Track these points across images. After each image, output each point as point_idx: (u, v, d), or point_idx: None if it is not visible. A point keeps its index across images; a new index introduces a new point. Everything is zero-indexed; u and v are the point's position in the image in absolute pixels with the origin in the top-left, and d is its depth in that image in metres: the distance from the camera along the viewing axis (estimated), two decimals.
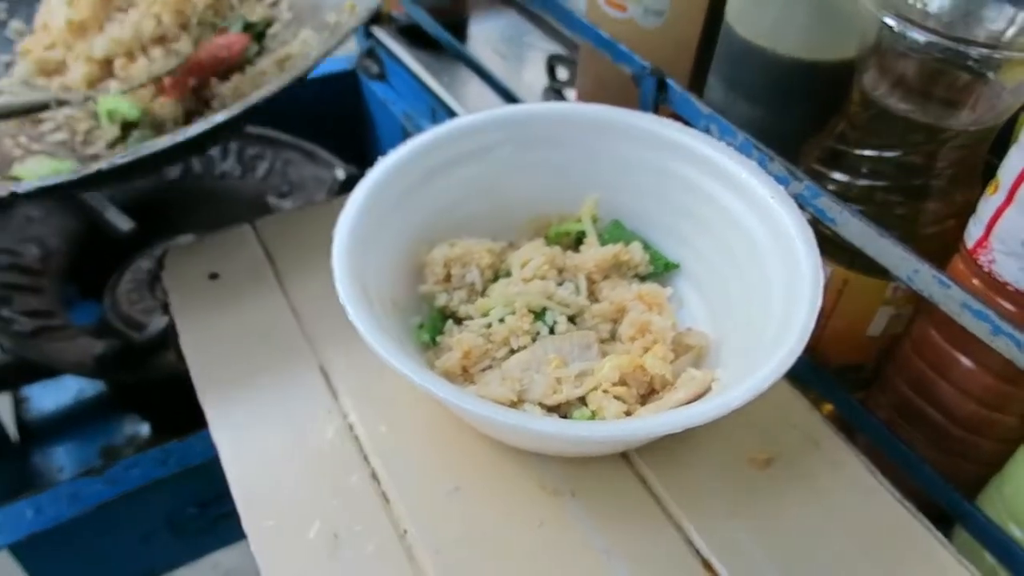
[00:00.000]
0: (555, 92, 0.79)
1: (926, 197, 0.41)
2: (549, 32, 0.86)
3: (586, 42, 0.54)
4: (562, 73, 0.79)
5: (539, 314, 0.37)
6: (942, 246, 0.41)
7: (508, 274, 0.40)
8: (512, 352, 0.36)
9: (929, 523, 0.35)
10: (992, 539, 0.39)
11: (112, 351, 0.60)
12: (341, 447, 0.37)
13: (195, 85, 0.55)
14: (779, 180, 0.41)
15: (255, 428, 0.38)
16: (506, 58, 0.85)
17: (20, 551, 0.50)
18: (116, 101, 0.54)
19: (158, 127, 0.54)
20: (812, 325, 0.33)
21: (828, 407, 0.48)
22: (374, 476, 0.36)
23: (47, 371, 0.68)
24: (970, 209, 0.39)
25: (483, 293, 0.39)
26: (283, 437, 0.38)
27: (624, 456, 0.37)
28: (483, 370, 0.36)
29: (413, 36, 0.84)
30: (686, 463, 0.37)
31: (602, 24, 0.52)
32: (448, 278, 0.40)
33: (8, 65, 0.59)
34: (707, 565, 0.33)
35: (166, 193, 0.78)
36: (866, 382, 0.48)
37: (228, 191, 0.79)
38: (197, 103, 0.55)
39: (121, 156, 0.38)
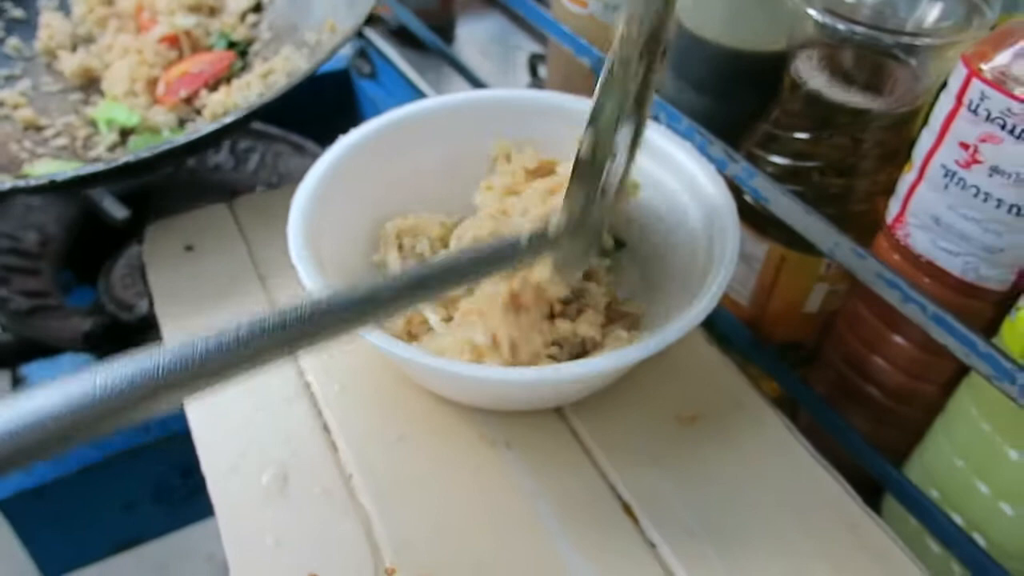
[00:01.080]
0: (536, 85, 0.82)
1: (855, 176, 0.44)
2: (533, 34, 0.89)
3: (552, 38, 0.57)
4: (543, 72, 0.82)
5: None
6: (872, 223, 0.43)
7: None
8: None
9: (841, 477, 0.38)
10: (914, 502, 0.42)
11: (100, 327, 0.63)
12: (297, 402, 0.40)
13: (186, 96, 0.59)
14: (718, 163, 0.44)
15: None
16: (491, 58, 0.89)
17: (8, 508, 0.53)
18: (112, 109, 0.58)
19: (154, 132, 0.58)
20: (725, 284, 0.35)
21: (773, 385, 0.51)
22: (325, 428, 0.39)
23: (43, 350, 0.72)
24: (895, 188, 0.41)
25: None
26: (244, 393, 0.41)
27: (558, 411, 0.40)
28: (428, 330, 0.39)
29: (403, 37, 0.88)
30: (616, 418, 0.39)
31: (565, 20, 0.56)
32: (400, 248, 0.43)
33: (8, 78, 0.63)
34: (627, 508, 0.36)
35: (162, 184, 0.82)
36: (807, 359, 0.51)
37: (222, 182, 0.82)
38: (188, 111, 0.60)
39: (130, 155, 0.43)
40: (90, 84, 0.63)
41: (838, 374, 0.47)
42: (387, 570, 0.34)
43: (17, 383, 0.76)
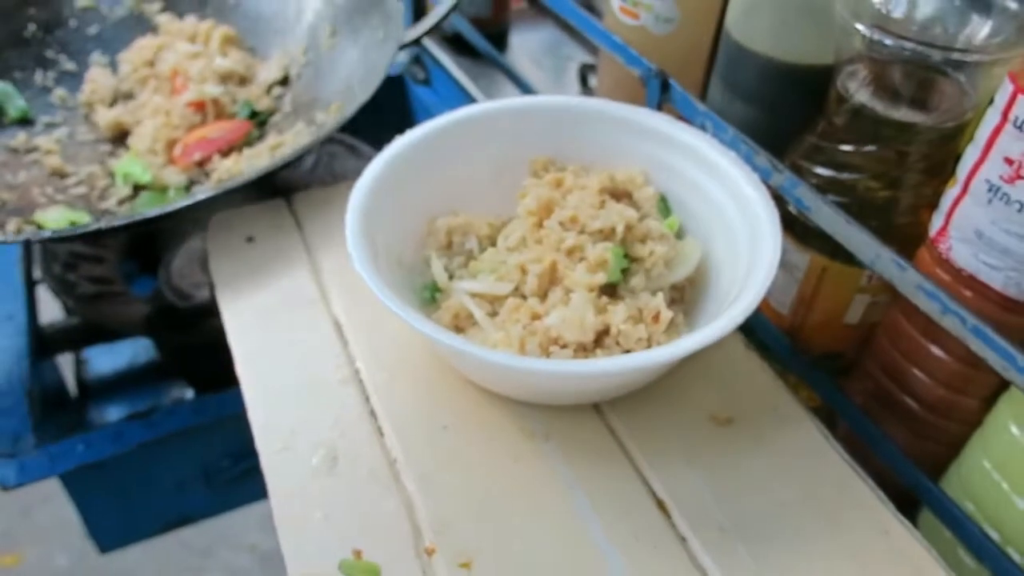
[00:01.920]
0: (586, 92, 0.84)
1: (899, 189, 0.44)
2: (584, 44, 0.91)
3: (604, 49, 0.58)
4: (593, 81, 0.83)
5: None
6: (915, 236, 0.44)
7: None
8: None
9: (872, 482, 0.38)
10: (949, 515, 0.42)
11: (160, 312, 0.66)
12: (346, 389, 0.42)
13: (199, 159, 0.62)
14: (763, 172, 0.45)
15: (274, 369, 0.43)
16: (543, 68, 0.91)
17: (70, 481, 0.56)
18: (131, 164, 0.62)
19: (162, 191, 0.62)
20: (764, 291, 0.36)
21: (811, 395, 0.52)
22: (372, 414, 0.41)
23: (105, 334, 0.75)
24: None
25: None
26: (298, 378, 0.43)
27: (596, 408, 0.41)
28: (473, 324, 0.41)
29: (457, 44, 0.90)
30: (653, 416, 0.41)
31: (618, 31, 0.57)
32: (450, 244, 0.45)
33: (48, 125, 0.67)
34: (660, 504, 0.37)
35: None
36: (846, 370, 0.51)
37: (280, 180, 0.85)
38: (199, 173, 0.63)
39: (118, 219, 0.47)
40: (121, 138, 0.67)
41: (876, 385, 0.48)
42: (427, 549, 0.35)
43: (80, 365, 0.80)
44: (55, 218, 0.59)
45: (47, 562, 1.17)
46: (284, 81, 0.72)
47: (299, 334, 0.45)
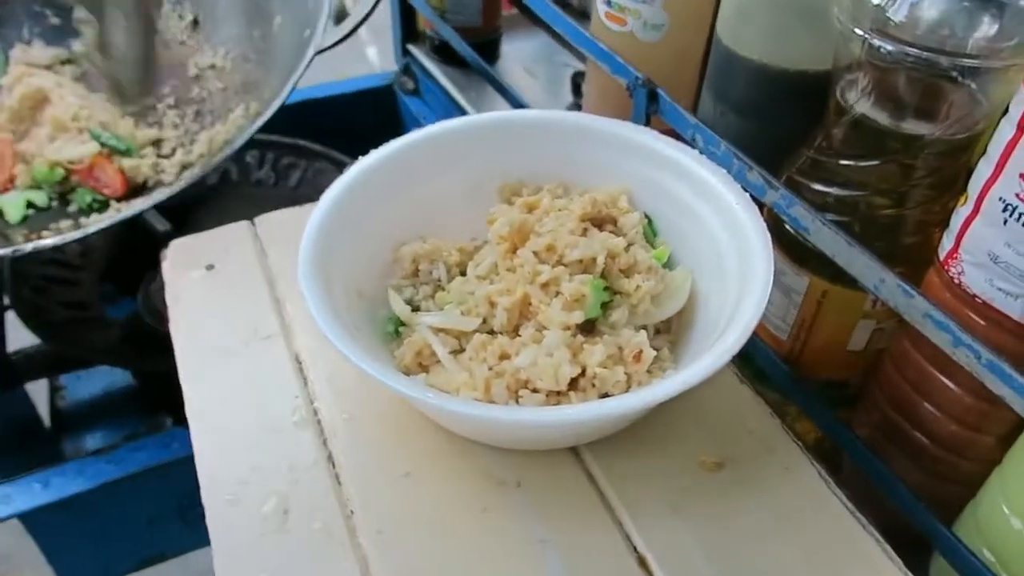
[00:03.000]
0: (578, 108, 0.80)
1: (905, 206, 0.41)
2: (578, 52, 0.87)
3: (591, 57, 0.55)
4: (586, 89, 0.80)
5: None
6: (924, 257, 0.40)
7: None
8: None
9: (879, 537, 0.35)
10: (965, 563, 0.38)
11: (135, 338, 0.63)
12: (303, 432, 0.39)
13: None
14: (756, 189, 0.41)
15: (227, 407, 0.40)
16: (536, 76, 0.87)
17: (30, 522, 0.53)
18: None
19: None
20: (754, 323, 0.33)
21: (812, 426, 0.48)
22: (330, 458, 0.38)
23: (80, 361, 0.72)
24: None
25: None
26: (252, 418, 0.40)
27: (574, 451, 0.38)
28: (437, 361, 0.38)
29: (447, 54, 0.87)
30: (636, 461, 0.37)
31: (604, 38, 0.54)
32: (416, 272, 0.41)
33: None
34: (642, 561, 0.34)
35: (204, 198, 0.82)
36: (850, 400, 0.47)
37: (262, 198, 0.83)
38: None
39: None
40: None
41: (884, 418, 0.44)
42: None
43: (55, 392, 0.77)
44: (13, 201, 0.59)
45: None
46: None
47: (256, 372, 0.42)
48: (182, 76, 0.77)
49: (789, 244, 0.44)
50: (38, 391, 0.77)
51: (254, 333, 0.44)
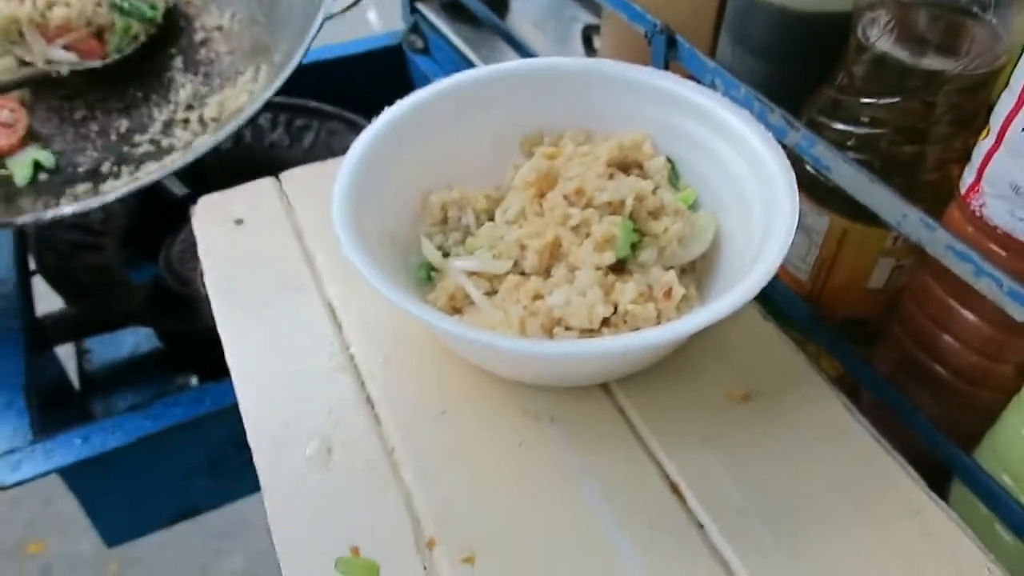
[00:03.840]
0: (591, 53, 0.80)
1: (926, 143, 0.41)
2: (588, 4, 0.87)
3: (606, 6, 0.55)
4: (598, 43, 0.80)
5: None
6: (946, 193, 0.41)
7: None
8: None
9: (901, 458, 0.36)
10: (984, 488, 0.40)
11: (158, 300, 0.65)
12: (342, 375, 0.40)
13: None
14: (778, 131, 0.42)
15: (266, 356, 0.41)
16: (546, 31, 0.87)
17: (70, 476, 0.55)
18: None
19: None
20: (780, 260, 0.34)
21: (833, 364, 0.49)
22: (368, 400, 0.39)
23: (106, 324, 0.74)
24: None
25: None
26: (290, 364, 0.41)
27: (604, 387, 0.39)
28: (471, 303, 0.39)
29: (455, 11, 0.87)
30: (664, 395, 0.38)
31: None
32: (445, 220, 0.42)
33: None
34: (675, 488, 0.35)
35: (218, 162, 0.83)
36: (871, 337, 0.48)
37: (277, 160, 0.83)
38: None
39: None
40: None
41: (904, 353, 0.45)
42: (428, 543, 0.34)
43: (82, 355, 0.79)
44: (21, 162, 0.60)
45: (72, 548, 1.18)
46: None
47: (291, 321, 0.43)
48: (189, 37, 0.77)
49: (810, 185, 0.45)
50: (66, 356, 0.78)
51: (286, 284, 0.45)
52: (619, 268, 0.38)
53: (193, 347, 0.75)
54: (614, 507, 0.34)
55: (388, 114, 0.42)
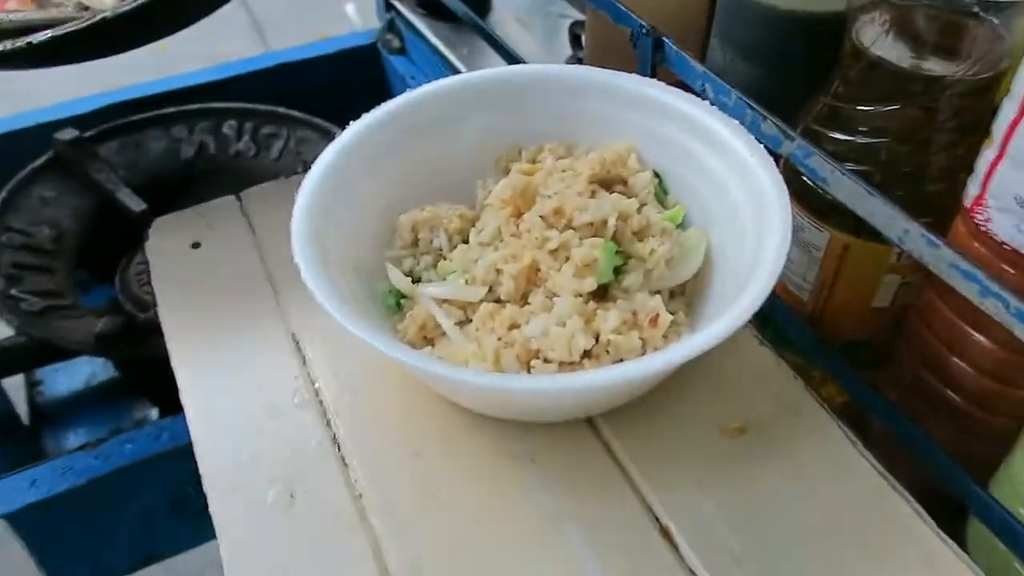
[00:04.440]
0: (578, 61, 0.81)
1: (928, 152, 0.42)
2: (576, 1, 0.88)
3: (590, 4, 0.55)
4: (587, 41, 0.80)
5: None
6: (950, 206, 0.41)
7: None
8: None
9: (911, 498, 0.36)
10: (1002, 525, 0.40)
11: (113, 328, 0.64)
12: (306, 412, 0.40)
13: None
14: (771, 141, 0.42)
15: (223, 392, 0.41)
16: (531, 29, 0.88)
17: (17, 523, 0.55)
18: None
19: None
20: (773, 281, 0.34)
21: (837, 390, 0.49)
22: (335, 441, 0.39)
23: (58, 353, 0.73)
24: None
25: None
26: (250, 401, 0.41)
27: (589, 422, 0.39)
28: (443, 334, 0.39)
29: (434, 8, 0.87)
30: (654, 430, 0.38)
31: None
32: (416, 242, 0.42)
33: None
34: (665, 531, 0.35)
35: (179, 174, 0.83)
36: (876, 360, 0.49)
37: (242, 171, 0.83)
38: None
39: None
40: None
41: (913, 377, 0.45)
42: None
43: (32, 387, 0.79)
44: None
45: None
46: None
47: (252, 353, 0.43)
48: None
49: (808, 197, 0.45)
50: (14, 388, 0.78)
51: (247, 314, 0.45)
52: (602, 294, 0.38)
53: (153, 377, 0.74)
54: (599, 553, 0.34)
55: (353, 128, 0.42)
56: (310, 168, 0.41)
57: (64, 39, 0.47)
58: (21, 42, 0.47)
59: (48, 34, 0.47)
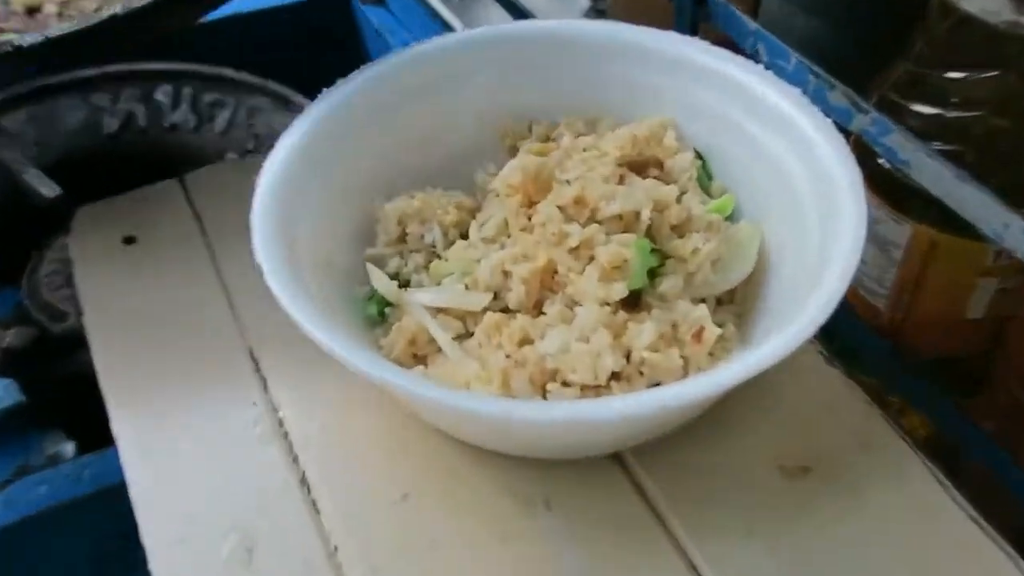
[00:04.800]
0: (600, 15, 0.82)
1: None
2: None
3: None
4: None
5: None
6: None
7: None
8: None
9: (1010, 548, 0.37)
10: None
11: (22, 342, 0.65)
12: (268, 447, 0.41)
13: None
14: (840, 114, 0.43)
15: (166, 422, 0.42)
16: None
17: None
18: None
19: None
20: (845, 284, 0.35)
21: (922, 420, 0.50)
22: (304, 481, 0.40)
23: None
24: None
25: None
26: (200, 433, 0.42)
27: (616, 458, 0.40)
28: (438, 350, 0.40)
29: None
30: (697, 468, 0.39)
31: None
32: (404, 238, 0.43)
33: None
34: None
35: (102, 152, 0.83)
36: (969, 382, 0.50)
37: (179, 148, 0.84)
38: None
39: None
40: None
41: (1014, 403, 0.46)
42: None
43: None
44: None
45: None
46: None
47: (200, 374, 0.44)
48: None
49: (884, 183, 0.46)
50: None
51: (194, 323, 0.46)
52: (633, 302, 0.39)
53: (70, 403, 0.75)
54: None
55: (327, 99, 0.43)
56: (265, 145, 0.41)
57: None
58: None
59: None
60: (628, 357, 0.37)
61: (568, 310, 0.38)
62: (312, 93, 0.82)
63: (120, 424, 0.42)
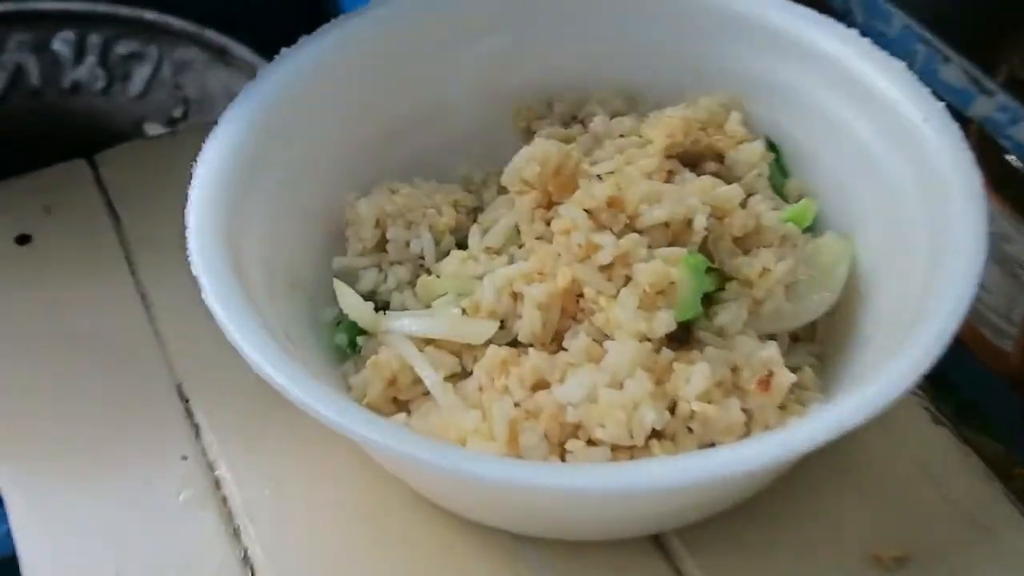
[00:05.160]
0: None
1: None
2: None
3: None
4: None
5: None
6: None
7: None
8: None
9: None
10: None
11: None
12: (201, 513, 0.42)
13: None
14: (956, 95, 0.44)
15: (70, 482, 0.43)
16: None
17: None
18: None
19: None
20: (959, 316, 0.35)
21: None
22: (246, 559, 0.40)
23: None
24: None
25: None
26: (112, 497, 0.42)
27: (656, 541, 0.40)
28: (425, 394, 0.40)
29: None
30: (761, 557, 0.40)
31: None
32: (382, 245, 0.44)
33: None
34: None
35: None
36: None
37: (85, 115, 0.84)
38: None
39: None
40: None
41: None
42: None
43: None
44: None
45: None
46: None
47: (114, 417, 0.44)
48: None
49: (1011, 185, 0.47)
50: None
51: (104, 349, 0.46)
52: (682, 338, 0.39)
53: None
54: None
55: (286, 62, 0.44)
56: (196, 112, 0.42)
57: None
58: None
59: None
60: (673, 409, 0.37)
61: (596, 345, 0.39)
62: (268, 51, 0.83)
63: (7, 483, 0.43)
